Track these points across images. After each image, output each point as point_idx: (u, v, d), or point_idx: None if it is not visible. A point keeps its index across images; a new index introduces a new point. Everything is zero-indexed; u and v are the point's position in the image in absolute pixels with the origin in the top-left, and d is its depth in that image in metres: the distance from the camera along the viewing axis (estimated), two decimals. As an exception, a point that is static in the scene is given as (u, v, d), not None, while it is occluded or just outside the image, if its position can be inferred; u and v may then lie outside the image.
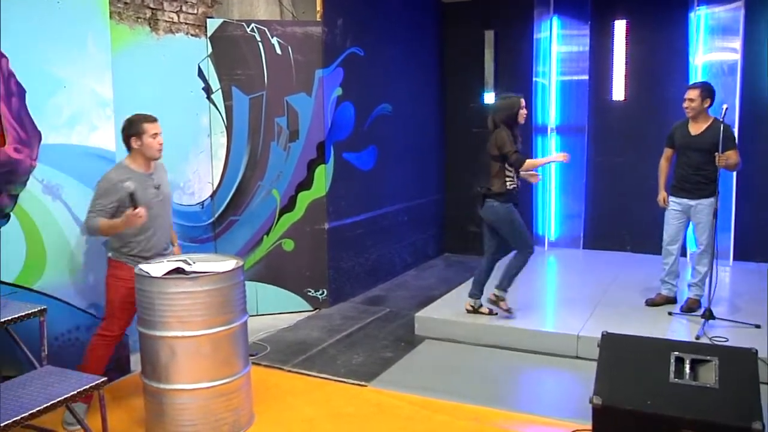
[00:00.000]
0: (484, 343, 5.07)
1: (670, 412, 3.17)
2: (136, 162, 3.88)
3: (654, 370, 3.33)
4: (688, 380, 3.26)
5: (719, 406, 3.12)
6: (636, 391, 3.29)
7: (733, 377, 3.22)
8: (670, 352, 3.38)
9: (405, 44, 7.21)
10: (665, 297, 5.55)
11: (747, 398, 3.13)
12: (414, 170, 7.53)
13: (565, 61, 7.53)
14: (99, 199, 3.76)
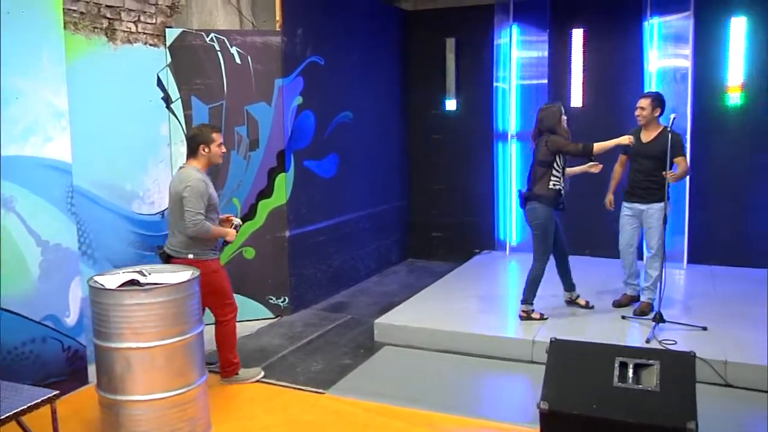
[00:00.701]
0: (443, 348, 5.16)
1: (613, 415, 3.29)
2: (201, 165, 4.35)
3: (599, 375, 3.44)
4: (631, 384, 3.38)
5: (659, 409, 3.25)
6: (582, 395, 3.40)
7: (672, 380, 3.34)
8: (615, 356, 3.50)
9: (366, 52, 7.29)
10: (630, 297, 5.74)
11: (684, 400, 3.26)
12: (376, 177, 7.61)
13: (525, 67, 7.68)
14: (199, 200, 4.19)
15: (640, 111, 5.37)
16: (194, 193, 4.18)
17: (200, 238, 4.27)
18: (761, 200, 6.93)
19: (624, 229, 5.62)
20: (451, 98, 7.98)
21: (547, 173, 5.27)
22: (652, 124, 5.38)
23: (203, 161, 4.35)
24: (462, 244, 8.16)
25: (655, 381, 3.36)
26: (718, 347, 4.63)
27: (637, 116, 5.40)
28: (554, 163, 5.25)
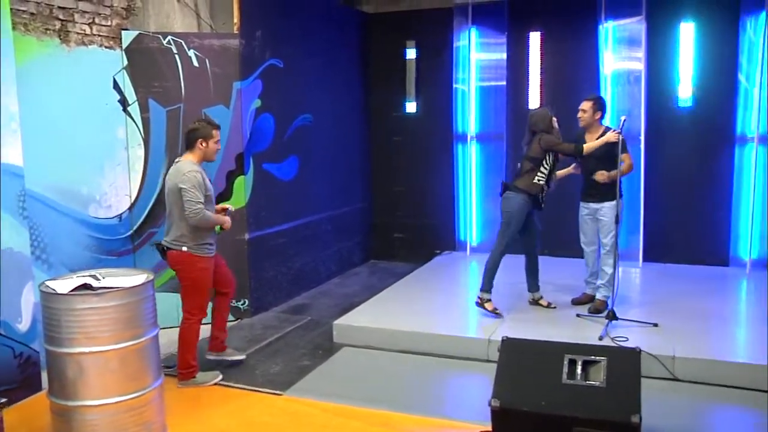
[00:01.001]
0: (402, 349, 5.21)
1: (562, 411, 3.38)
2: (196, 159, 4.50)
3: (549, 372, 3.53)
4: (580, 380, 3.48)
5: (605, 404, 3.35)
6: (532, 392, 3.48)
7: (618, 375, 3.45)
8: (564, 354, 3.59)
9: (326, 55, 7.31)
10: (590, 296, 5.85)
11: (629, 394, 3.36)
12: (337, 179, 7.64)
13: (484, 69, 7.79)
14: (196, 191, 4.35)
15: (581, 114, 5.52)
16: (191, 184, 4.35)
17: (199, 230, 4.45)
18: (712, 200, 7.13)
19: (582, 228, 5.76)
20: (412, 100, 8.06)
21: (535, 169, 5.45)
22: (593, 126, 5.53)
23: (199, 155, 4.52)
24: (423, 245, 8.23)
25: (602, 377, 3.46)
26: (668, 343, 4.76)
27: (579, 118, 5.55)
28: (543, 161, 5.44)
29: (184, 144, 4.60)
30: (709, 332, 5.08)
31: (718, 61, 6.96)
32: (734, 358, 4.59)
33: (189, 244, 4.47)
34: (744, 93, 6.86)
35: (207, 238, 4.54)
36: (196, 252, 4.49)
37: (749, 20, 6.75)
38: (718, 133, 7.04)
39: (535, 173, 5.46)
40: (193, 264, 4.47)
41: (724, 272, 6.97)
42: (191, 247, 4.47)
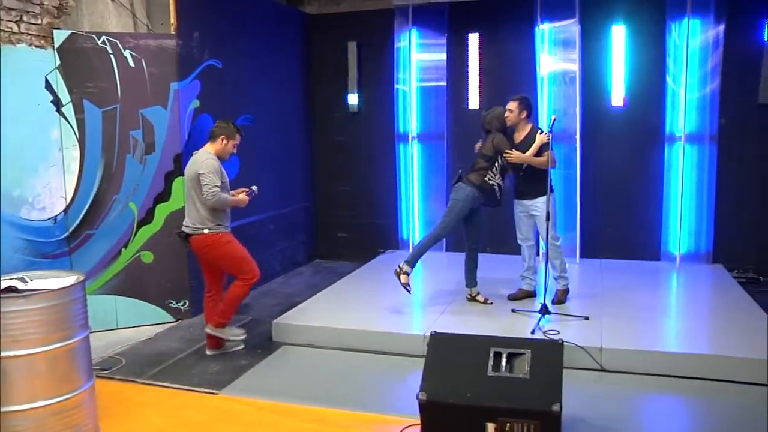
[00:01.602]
0: (340, 346, 5.27)
1: (486, 402, 3.48)
2: (214, 151, 4.98)
3: (475, 365, 3.64)
4: (504, 372, 3.59)
5: (528, 394, 3.47)
6: (458, 385, 3.58)
7: (542, 367, 3.57)
8: (490, 347, 3.70)
9: (268, 55, 7.33)
10: (525, 291, 6.01)
11: (552, 384, 3.48)
12: (280, 179, 7.65)
13: (424, 69, 7.90)
14: (214, 176, 4.80)
15: (508, 113, 5.66)
16: (209, 169, 4.82)
17: (216, 212, 4.91)
18: (644, 197, 7.38)
19: (518, 224, 5.92)
20: (354, 100, 8.11)
21: (488, 168, 5.62)
22: (521, 124, 5.68)
23: (217, 149, 5.00)
24: (367, 245, 8.30)
25: (526, 368, 3.58)
26: (596, 335, 4.92)
27: (506, 118, 5.68)
28: (497, 160, 5.60)
29: (208, 136, 5.09)
30: (637, 324, 5.27)
31: (648, 64, 7.21)
32: (660, 348, 4.77)
33: (208, 225, 4.92)
34: (672, 94, 7.11)
35: (224, 219, 5.02)
36: (216, 231, 4.95)
37: (674, 25, 7.01)
38: (648, 132, 7.29)
39: (488, 171, 5.62)
40: (218, 241, 4.96)
41: (656, 266, 7.22)
42: (211, 228, 4.93)
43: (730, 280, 6.61)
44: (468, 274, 5.99)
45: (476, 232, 5.89)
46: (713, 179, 7.09)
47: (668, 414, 4.26)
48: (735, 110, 6.98)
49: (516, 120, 5.66)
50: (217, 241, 4.95)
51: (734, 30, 6.84)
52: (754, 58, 6.79)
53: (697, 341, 5.01)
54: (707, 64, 6.95)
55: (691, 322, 5.55)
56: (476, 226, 5.85)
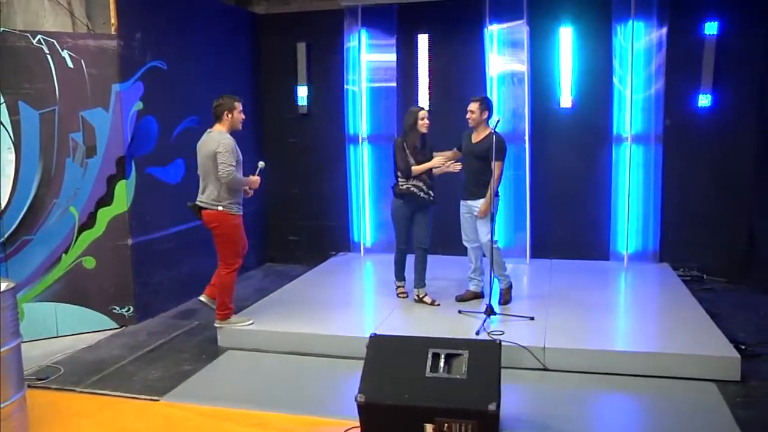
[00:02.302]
0: (286, 350, 5.28)
1: (424, 403, 3.54)
2: (225, 129, 5.25)
3: (413, 366, 3.69)
4: (442, 373, 3.65)
5: (465, 394, 3.53)
6: (396, 386, 3.63)
7: (479, 367, 3.64)
8: (428, 348, 3.76)
9: (215, 56, 7.29)
10: (473, 293, 6.08)
11: (489, 384, 3.55)
12: (229, 181, 7.61)
13: (374, 70, 7.96)
14: (230, 155, 5.07)
15: (470, 114, 5.73)
16: (225, 148, 5.07)
17: (232, 191, 5.19)
18: (593, 197, 7.53)
19: (463, 225, 6.00)
20: (304, 102, 8.12)
21: (397, 175, 5.82)
22: (481, 125, 5.75)
23: (227, 125, 5.26)
24: (319, 247, 8.32)
25: (464, 369, 3.64)
26: (540, 335, 5.02)
27: (468, 119, 5.76)
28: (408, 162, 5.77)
29: (213, 117, 5.31)
30: (581, 323, 5.38)
31: (595, 65, 7.37)
32: (602, 346, 4.88)
33: (224, 203, 5.19)
34: (618, 95, 7.28)
35: (238, 198, 5.27)
36: (229, 210, 5.22)
37: (620, 26, 7.18)
38: (596, 133, 7.44)
39: (398, 178, 5.84)
40: (228, 221, 5.23)
41: (605, 266, 7.38)
42: (225, 206, 5.19)
43: (675, 278, 6.80)
44: (416, 275, 6.06)
45: (421, 233, 5.97)
46: (659, 179, 7.27)
47: (610, 411, 4.38)
48: (679, 111, 7.17)
49: (478, 120, 5.72)
50: (227, 220, 5.25)
51: (677, 33, 7.04)
52: (696, 60, 6.98)
53: (639, 339, 5.14)
54: (652, 65, 7.15)
55: (635, 321, 5.70)
56: (419, 228, 5.94)
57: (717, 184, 7.19)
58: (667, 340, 5.03)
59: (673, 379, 4.54)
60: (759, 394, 4.25)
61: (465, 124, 5.90)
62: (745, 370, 4.51)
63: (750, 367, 4.60)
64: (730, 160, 7.12)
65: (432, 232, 6.14)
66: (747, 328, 5.57)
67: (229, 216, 5.24)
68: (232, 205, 5.25)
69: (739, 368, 4.45)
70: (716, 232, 7.21)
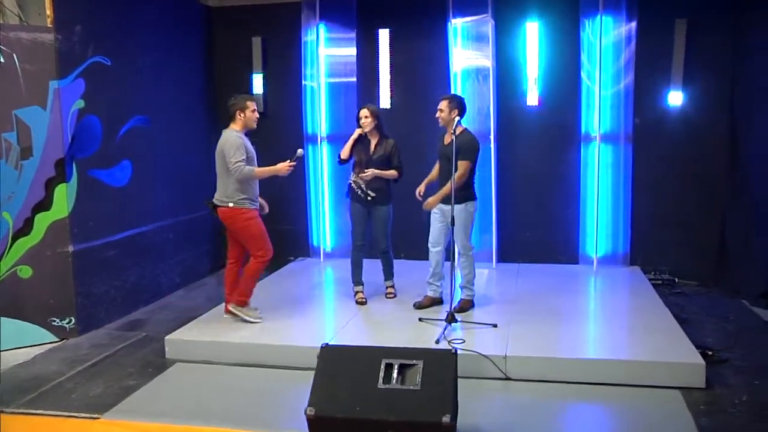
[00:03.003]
0: (237, 362, 5.27)
1: (376, 415, 3.57)
2: (239, 128, 5.68)
3: (365, 378, 3.72)
4: (395, 384, 3.69)
5: (418, 406, 3.57)
6: (347, 398, 3.66)
7: (434, 377, 3.68)
8: (382, 359, 3.79)
9: (165, 51, 7.25)
10: (431, 299, 6.12)
11: (443, 396, 3.60)
12: (181, 184, 7.59)
13: (334, 65, 7.99)
14: (237, 151, 5.49)
15: (439, 113, 5.77)
16: (232, 146, 5.50)
17: (242, 187, 5.58)
18: (562, 199, 7.65)
19: (432, 227, 6.04)
20: (260, 99, 8.09)
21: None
22: (451, 125, 5.74)
23: (240, 124, 5.68)
24: (277, 252, 8.12)
25: (418, 380, 3.68)
26: (502, 343, 5.08)
27: (437, 118, 5.80)
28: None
29: (227, 117, 5.73)
30: (546, 330, 5.45)
31: (563, 61, 7.48)
32: (566, 354, 4.95)
33: (234, 199, 5.60)
34: (587, 91, 7.40)
35: (250, 193, 5.66)
36: (239, 206, 5.60)
37: (588, 21, 7.30)
38: (564, 132, 7.56)
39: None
40: (240, 215, 5.63)
41: (574, 270, 7.49)
42: (235, 202, 5.59)
43: (645, 282, 6.92)
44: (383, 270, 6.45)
45: (376, 234, 6.23)
46: (629, 180, 7.40)
47: (573, 422, 4.45)
48: (649, 109, 7.32)
49: (447, 119, 5.74)
50: (240, 215, 5.62)
51: (646, 27, 7.17)
52: (666, 55, 7.12)
53: (604, 347, 5.24)
54: (620, 60, 7.24)
55: (601, 328, 5.80)
56: (374, 229, 6.23)
57: (689, 185, 7.34)
58: (633, 347, 5.12)
59: (639, 387, 4.62)
60: (722, 401, 4.36)
61: (430, 123, 5.96)
62: (710, 376, 4.61)
63: (715, 373, 4.72)
64: (701, 160, 7.28)
65: (391, 233, 6.28)
66: (715, 333, 5.70)
67: (240, 211, 5.62)
68: (243, 201, 5.62)
69: (704, 375, 4.55)
70: (688, 234, 7.37)
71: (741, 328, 5.82)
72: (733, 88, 7.06)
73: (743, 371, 4.85)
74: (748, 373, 4.82)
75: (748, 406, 4.31)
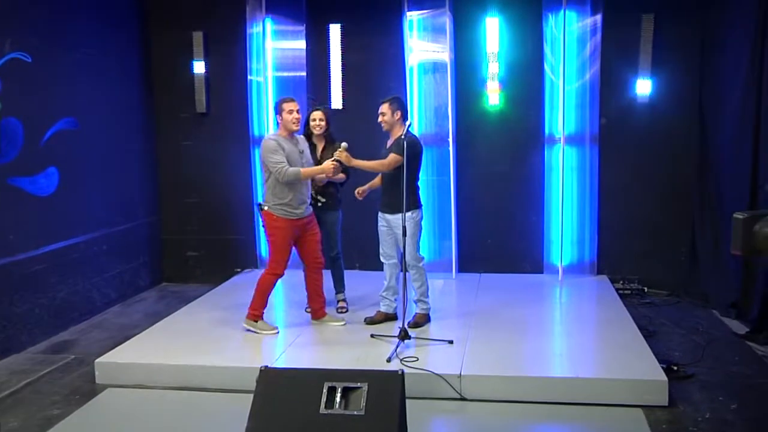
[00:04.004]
0: (173, 385, 5.21)
1: (316, 444, 3.57)
2: (281, 132, 5.85)
3: (307, 403, 3.72)
4: (338, 409, 3.69)
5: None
6: (287, 425, 3.67)
7: (379, 401, 3.69)
8: (324, 382, 3.80)
9: (95, 47, 7.16)
10: (384, 314, 6.15)
11: (389, 420, 3.61)
12: (115, 191, 7.53)
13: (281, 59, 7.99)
14: (273, 154, 5.68)
15: (381, 117, 5.81)
16: (267, 150, 5.73)
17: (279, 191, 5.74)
18: (525, 204, 7.75)
19: (381, 240, 6.07)
20: (202, 98, 8.06)
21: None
22: (396, 128, 5.80)
23: (281, 127, 5.86)
24: (222, 264, 8.29)
25: (362, 404, 3.69)
26: (457, 361, 5.12)
27: (380, 122, 5.83)
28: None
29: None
30: (505, 346, 5.50)
31: (525, 59, 7.58)
32: (525, 372, 5.03)
33: (270, 203, 5.81)
34: (551, 88, 7.49)
35: (287, 200, 5.77)
36: (275, 212, 5.78)
37: (551, 15, 7.41)
38: (527, 133, 7.67)
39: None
40: (272, 222, 5.83)
41: (538, 280, 7.60)
42: (271, 207, 5.80)
43: (612, 293, 7.03)
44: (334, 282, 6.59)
45: (324, 238, 6.30)
46: (595, 184, 7.53)
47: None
48: (616, 103, 7.45)
49: (391, 123, 5.79)
50: (270, 221, 5.84)
51: (612, 24, 7.29)
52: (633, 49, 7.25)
53: (564, 363, 5.28)
54: (585, 51, 7.35)
55: (562, 343, 5.84)
56: (323, 232, 6.26)
57: (657, 188, 7.50)
58: (596, 364, 5.22)
59: (600, 406, 4.70)
60: (684, 420, 4.45)
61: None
62: (675, 392, 4.72)
63: (680, 390, 4.83)
64: (670, 161, 7.46)
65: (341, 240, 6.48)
66: (683, 345, 5.83)
67: (271, 217, 5.82)
68: (276, 207, 5.79)
69: (667, 392, 4.64)
70: (657, 240, 7.53)
71: (710, 340, 5.95)
72: (702, 86, 7.22)
73: (708, 386, 4.96)
74: (713, 388, 4.93)
75: (711, 423, 4.42)
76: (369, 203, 6.25)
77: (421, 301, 6.03)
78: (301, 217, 5.88)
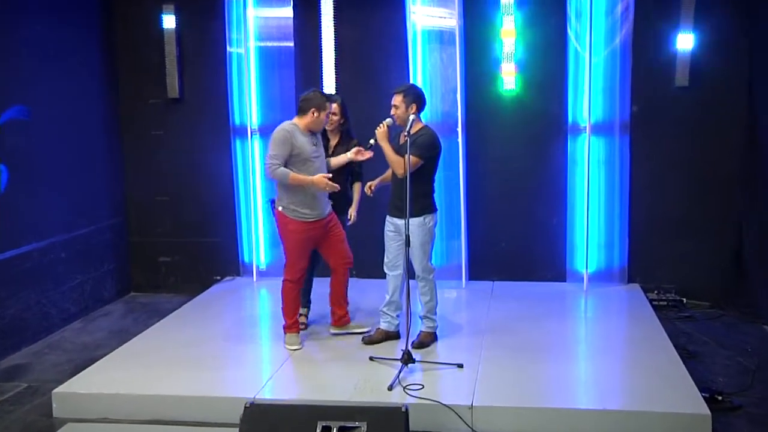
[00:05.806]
0: (142, 419, 5.18)
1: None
2: (302, 123, 5.76)
3: (297, 444, 3.71)
4: (333, 453, 3.68)
5: (361, 480, 3.57)
6: (274, 472, 3.64)
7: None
8: (318, 420, 3.80)
9: (49, 28, 7.13)
10: (384, 332, 6.12)
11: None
12: (74, 190, 7.51)
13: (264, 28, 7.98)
14: (277, 147, 5.64)
15: (394, 110, 5.76)
16: (274, 139, 5.70)
17: (290, 191, 5.74)
18: (546, 202, 7.73)
19: (387, 247, 6.04)
20: (174, 83, 8.01)
21: None
22: (414, 123, 5.70)
23: (307, 121, 5.76)
24: (199, 270, 8.31)
25: (361, 445, 3.69)
26: (469, 389, 5.10)
27: (393, 116, 5.79)
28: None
29: (298, 109, 5.85)
30: (520, 372, 5.47)
31: (545, 33, 7.52)
32: (545, 403, 5.00)
33: (283, 203, 5.83)
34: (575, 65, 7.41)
35: (298, 200, 5.75)
36: (287, 214, 5.81)
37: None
38: (548, 121, 7.63)
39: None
40: (284, 224, 5.88)
41: (560, 289, 7.59)
42: (284, 207, 5.81)
43: (645, 305, 7.01)
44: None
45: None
46: (626, 178, 7.50)
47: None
48: (649, 95, 7.39)
49: (404, 117, 5.72)
50: (283, 222, 5.88)
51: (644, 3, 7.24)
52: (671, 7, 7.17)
53: (591, 392, 5.30)
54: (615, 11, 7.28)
55: (589, 367, 5.79)
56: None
57: (698, 183, 7.46)
58: (625, 392, 5.20)
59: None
60: (731, 462, 4.45)
61: (381, 109, 5.95)
62: (718, 427, 4.68)
63: (725, 425, 4.78)
64: (712, 145, 7.40)
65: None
66: (729, 369, 5.79)
67: (285, 219, 5.85)
68: (289, 208, 5.80)
69: (710, 428, 4.61)
70: (698, 243, 7.50)
71: (761, 362, 5.89)
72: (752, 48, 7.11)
73: (760, 421, 4.91)
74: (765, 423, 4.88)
75: (762, 467, 4.41)
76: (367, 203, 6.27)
77: (428, 318, 6.01)
78: (320, 218, 5.87)
